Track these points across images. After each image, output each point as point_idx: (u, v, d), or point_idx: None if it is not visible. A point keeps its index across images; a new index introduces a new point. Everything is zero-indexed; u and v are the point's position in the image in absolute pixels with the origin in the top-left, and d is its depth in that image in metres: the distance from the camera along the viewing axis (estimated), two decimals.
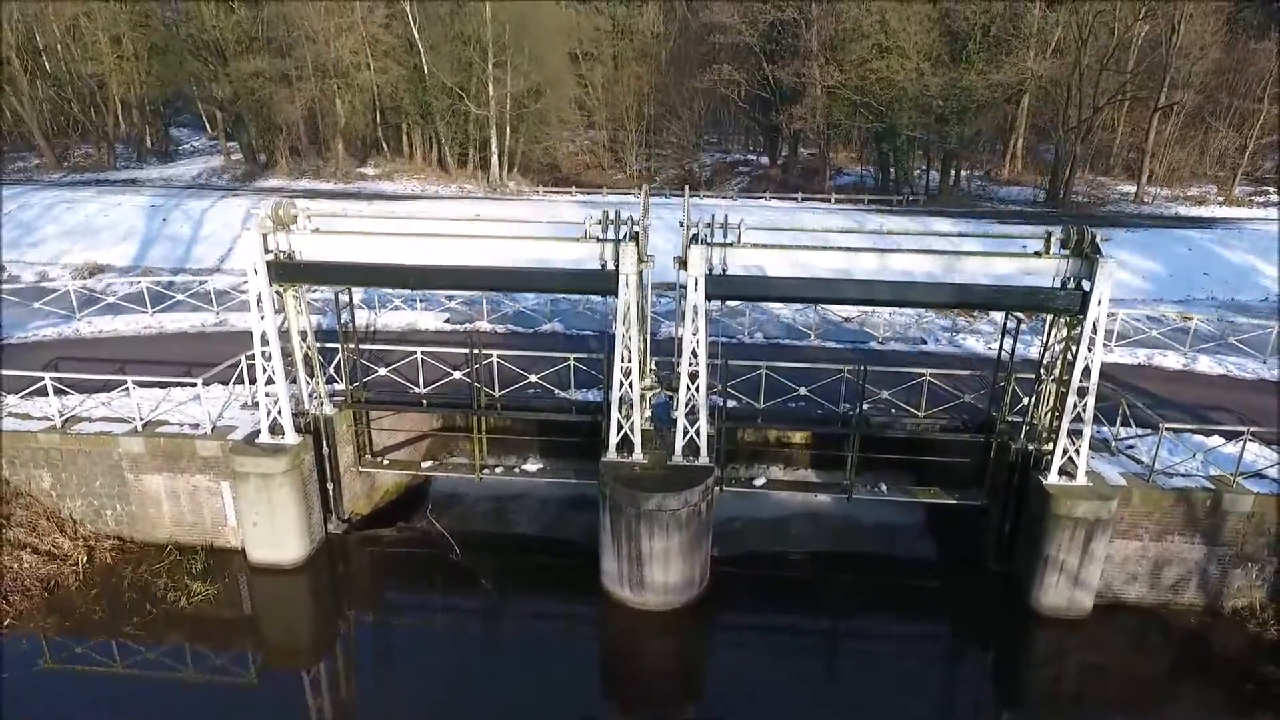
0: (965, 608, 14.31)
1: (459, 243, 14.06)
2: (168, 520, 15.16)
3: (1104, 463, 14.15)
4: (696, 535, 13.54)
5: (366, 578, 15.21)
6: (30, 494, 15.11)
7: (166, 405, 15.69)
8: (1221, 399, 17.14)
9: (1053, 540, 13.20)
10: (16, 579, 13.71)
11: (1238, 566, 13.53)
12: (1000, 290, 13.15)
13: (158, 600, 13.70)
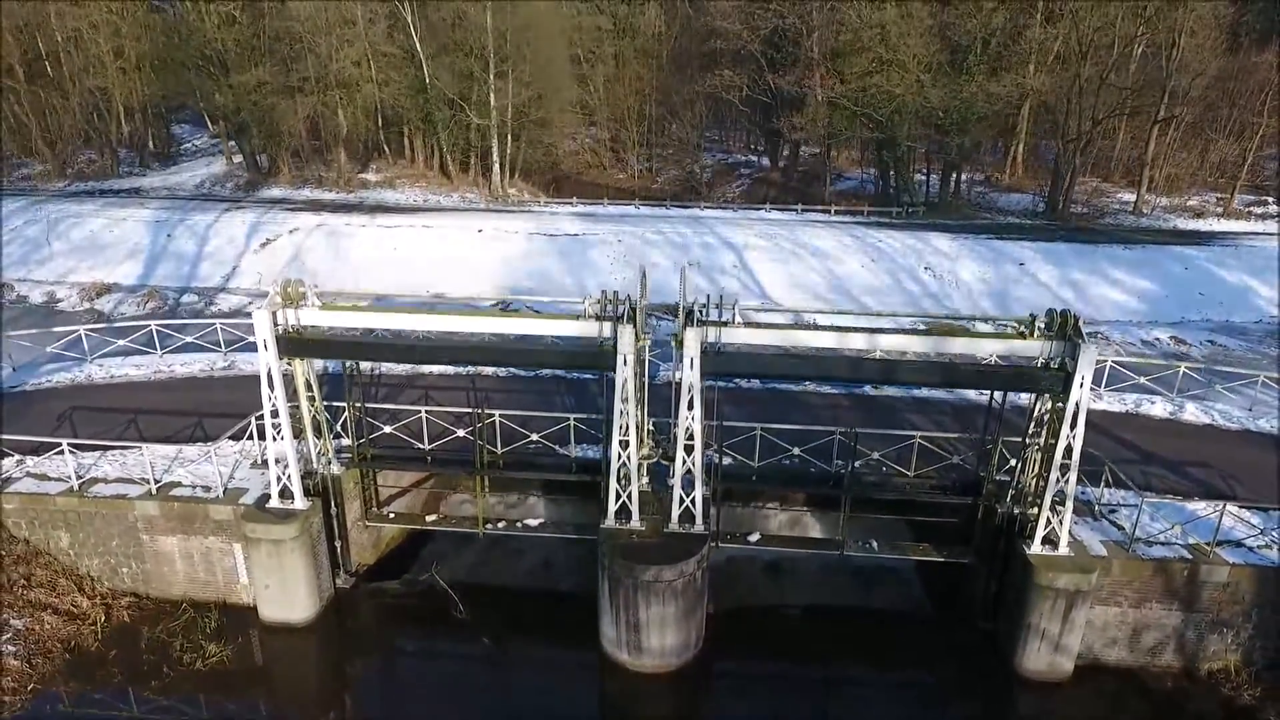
0: (951, 665, 14.85)
1: (461, 319, 14.34)
2: (182, 578, 15.71)
3: (1086, 528, 14.63)
4: (692, 603, 14.07)
5: (375, 634, 15.77)
6: (49, 552, 15.66)
7: (179, 466, 16.20)
8: (1205, 452, 17.56)
9: (1035, 608, 13.71)
10: (39, 641, 14.28)
11: (1214, 631, 14.04)
12: (986, 370, 13.54)
13: (174, 662, 14.27)
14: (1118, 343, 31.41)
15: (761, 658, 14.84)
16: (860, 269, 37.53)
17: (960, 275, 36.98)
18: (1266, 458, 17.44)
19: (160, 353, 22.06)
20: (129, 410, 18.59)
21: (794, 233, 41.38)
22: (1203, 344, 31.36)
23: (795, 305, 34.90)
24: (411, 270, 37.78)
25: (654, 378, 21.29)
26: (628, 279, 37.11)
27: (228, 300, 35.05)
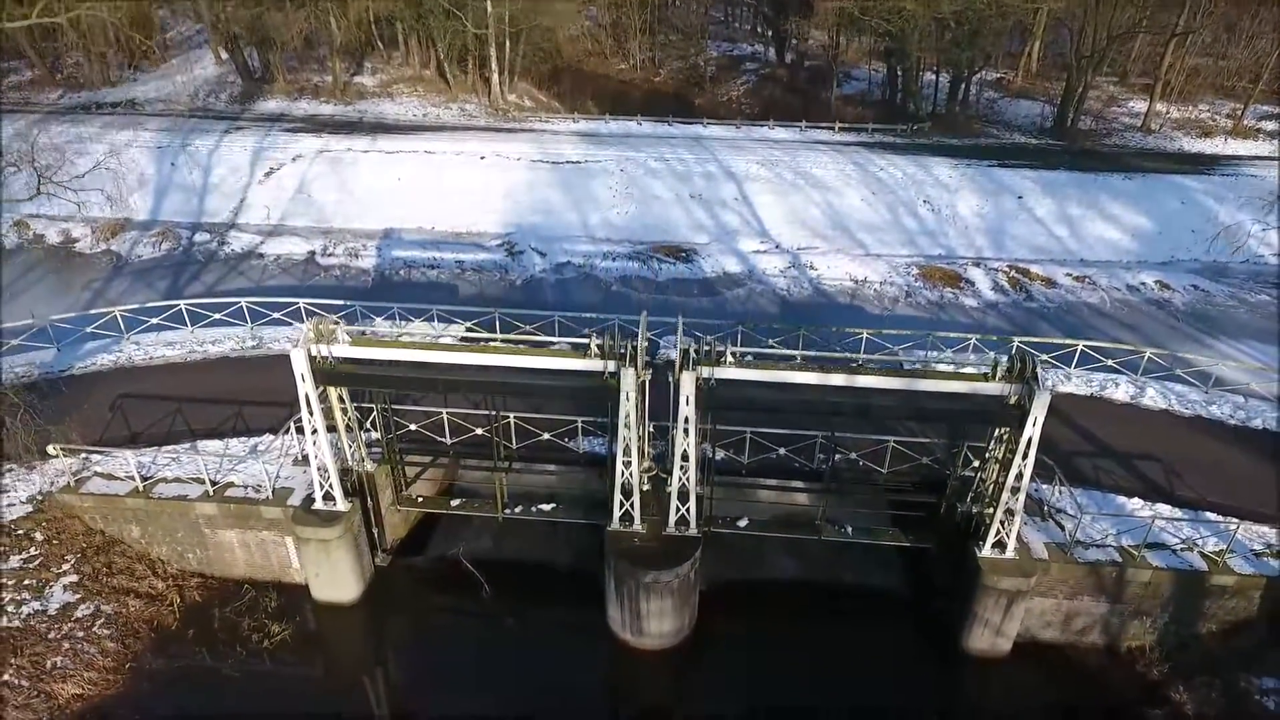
0: (908, 639, 17.31)
1: (479, 355, 15.67)
2: (241, 563, 17.99)
3: (1034, 529, 16.63)
4: (685, 595, 16.33)
5: (411, 608, 18.15)
6: (123, 541, 17.84)
7: (229, 463, 18.10)
8: (1157, 443, 19.28)
9: (980, 602, 15.93)
10: (127, 623, 16.68)
11: (1134, 618, 16.32)
12: (952, 407, 15.02)
13: (244, 640, 16.74)
14: (1105, 288, 32.51)
15: (743, 632, 17.22)
16: (860, 203, 37.96)
17: (959, 210, 37.46)
18: (1210, 448, 19.21)
19: (192, 329, 23.47)
20: (173, 398, 20.26)
21: (796, 159, 41.41)
22: (1186, 289, 32.44)
23: (795, 243, 35.76)
24: (416, 203, 38.31)
25: (654, 355, 22.86)
26: (630, 214, 37.83)
27: (239, 239, 35.80)
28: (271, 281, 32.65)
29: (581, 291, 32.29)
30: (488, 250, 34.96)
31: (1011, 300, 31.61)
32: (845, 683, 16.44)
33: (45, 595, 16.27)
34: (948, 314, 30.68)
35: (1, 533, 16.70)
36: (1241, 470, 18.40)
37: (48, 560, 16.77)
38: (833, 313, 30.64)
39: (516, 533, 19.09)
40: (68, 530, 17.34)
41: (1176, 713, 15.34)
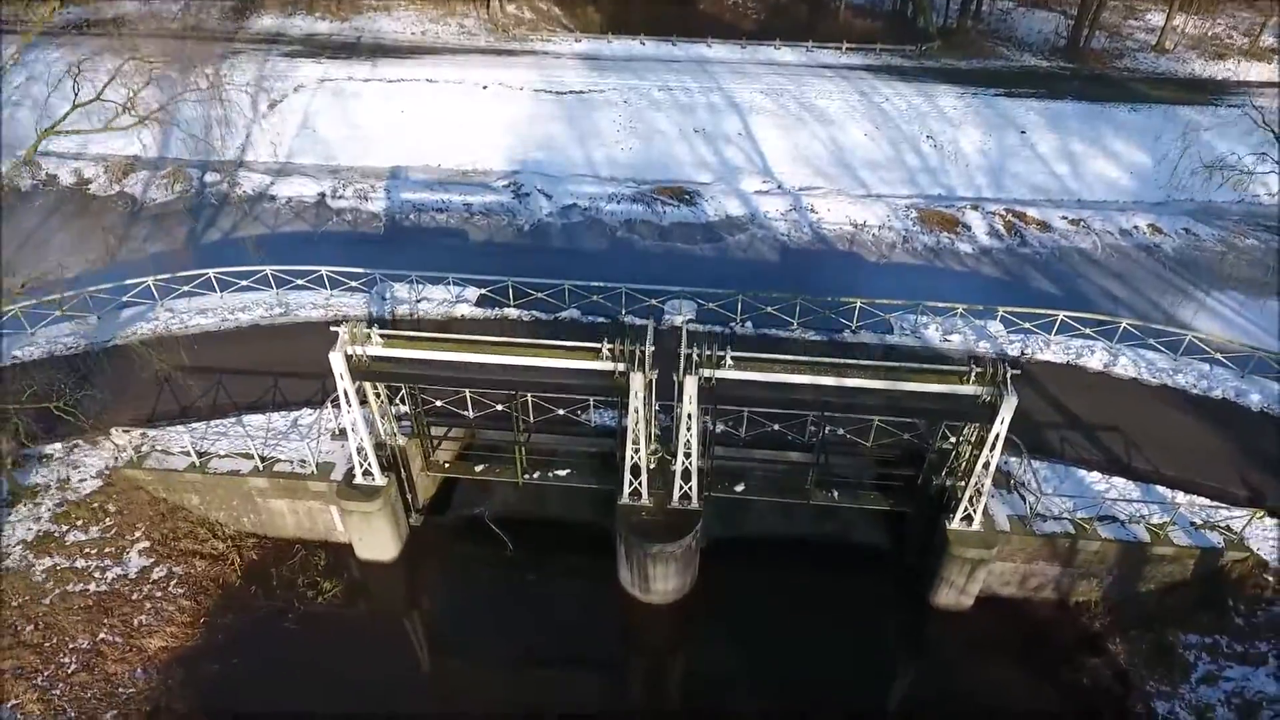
0: (885, 592, 19.64)
1: (501, 354, 17.07)
2: (291, 526, 20.13)
3: (999, 501, 18.59)
4: (688, 560, 18.50)
5: (444, 563, 20.44)
6: (184, 508, 19.93)
7: (273, 437, 19.91)
8: (1122, 415, 20.93)
9: (947, 567, 18.09)
10: (197, 582, 18.99)
11: (1082, 579, 18.53)
12: (930, 404, 16.59)
13: (300, 596, 19.09)
14: (1098, 231, 33.34)
15: (740, 586, 19.52)
16: (863, 138, 38.10)
17: (961, 146, 37.65)
18: (1170, 420, 20.91)
19: (221, 294, 24.76)
20: (212, 369, 21.80)
21: (801, 87, 41.13)
22: (1177, 234, 33.26)
23: (797, 182, 36.25)
24: (420, 138, 38.51)
25: (659, 323, 24.28)
26: (633, 150, 38.12)
27: (249, 180, 36.26)
28: (285, 227, 33.53)
29: (588, 237, 33.19)
30: (494, 191, 35.54)
31: (1005, 246, 32.52)
32: (828, 630, 18.83)
33: (124, 561, 18.48)
34: (942, 261, 31.71)
35: (81, 507, 18.72)
36: (1195, 442, 20.16)
37: (122, 529, 18.89)
38: (831, 260, 31.70)
39: (534, 495, 21.12)
40: (135, 501, 19.38)
41: (1111, 660, 17.79)
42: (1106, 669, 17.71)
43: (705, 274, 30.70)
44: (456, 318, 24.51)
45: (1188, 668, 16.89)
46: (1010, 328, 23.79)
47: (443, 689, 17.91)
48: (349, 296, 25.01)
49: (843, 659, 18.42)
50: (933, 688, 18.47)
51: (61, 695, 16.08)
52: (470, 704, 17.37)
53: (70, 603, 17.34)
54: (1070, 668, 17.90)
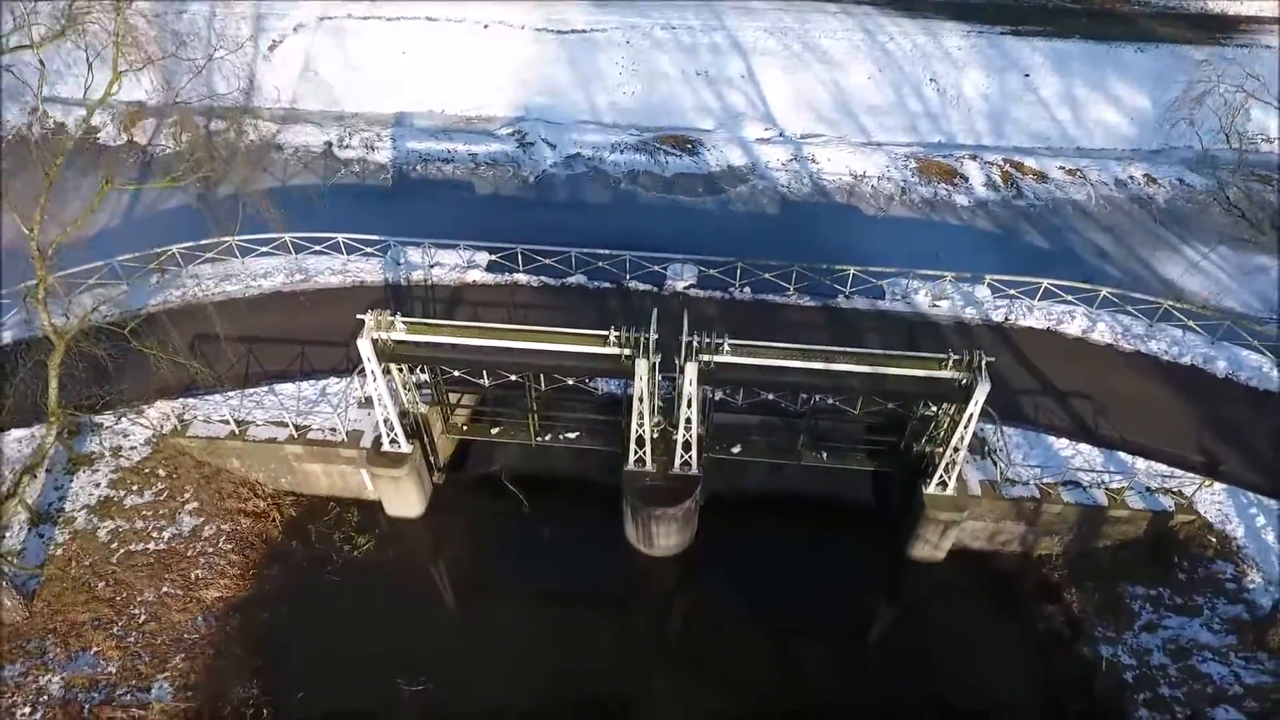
0: (866, 544, 21.63)
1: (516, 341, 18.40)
2: (325, 485, 21.99)
3: (973, 467, 20.29)
4: (688, 519, 20.41)
5: (465, 518, 22.33)
6: (227, 470, 21.73)
7: (304, 405, 21.50)
8: (1094, 382, 22.37)
9: (922, 526, 19.97)
10: (244, 537, 20.99)
11: (1045, 535, 20.44)
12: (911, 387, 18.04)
13: (338, 550, 21.13)
14: (1094, 182, 33.91)
15: (736, 539, 21.51)
16: (866, 81, 38.05)
17: (964, 90, 37.64)
18: (1138, 387, 22.37)
19: (243, 259, 25.87)
20: (243, 339, 23.18)
21: (804, 25, 40.68)
22: (1171, 184, 33.84)
23: (799, 129, 36.54)
24: (423, 82, 38.50)
25: (661, 288, 25.50)
26: (636, 95, 38.25)
27: (255, 127, 36.55)
28: (294, 180, 34.19)
29: (592, 190, 33.85)
30: (498, 140, 35.92)
31: (1001, 198, 33.19)
32: (815, 578, 20.93)
33: (178, 521, 20.41)
34: (938, 214, 32.49)
35: (134, 473, 20.51)
36: (1159, 408, 21.70)
37: (173, 492, 20.74)
38: (830, 214, 32.49)
39: (545, 456, 22.83)
40: (182, 466, 21.17)
41: (1066, 608, 19.90)
42: (1061, 615, 19.84)
43: (707, 229, 31.66)
44: (469, 283, 25.65)
45: (1132, 616, 18.98)
46: (996, 294, 24.93)
47: (469, 630, 20.10)
48: (365, 262, 26.10)
49: (827, 603, 20.57)
50: (907, 628, 20.73)
51: (135, 643, 18.26)
52: (493, 643, 19.59)
53: (134, 560, 19.36)
54: (1029, 614, 20.05)
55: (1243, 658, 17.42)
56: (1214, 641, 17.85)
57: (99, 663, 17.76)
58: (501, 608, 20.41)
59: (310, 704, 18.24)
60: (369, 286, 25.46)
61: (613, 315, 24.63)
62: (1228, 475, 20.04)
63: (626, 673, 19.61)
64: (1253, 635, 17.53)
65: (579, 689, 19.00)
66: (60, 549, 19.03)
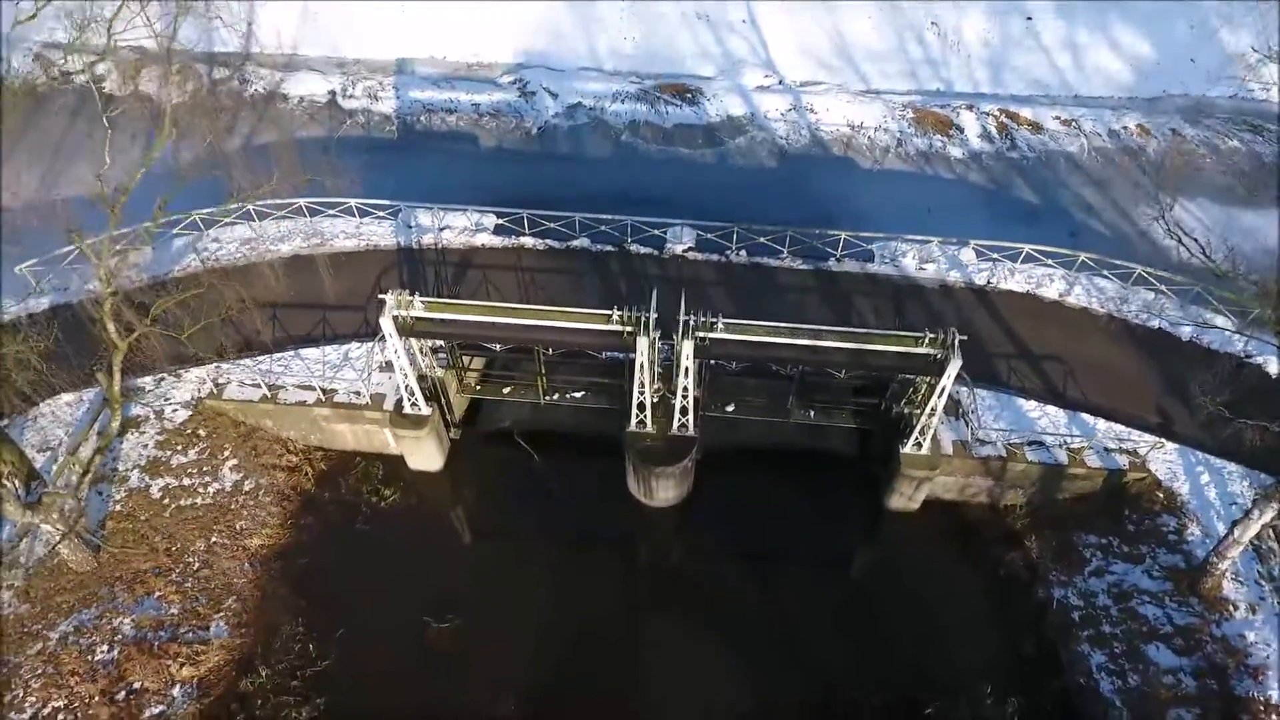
0: (847, 494, 23.66)
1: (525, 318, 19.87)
2: (351, 442, 23.89)
3: (947, 427, 22.06)
4: (684, 474, 22.38)
5: (480, 470, 24.28)
6: (261, 428, 23.58)
7: (329, 369, 23.18)
8: (1066, 344, 23.91)
9: (898, 480, 21.92)
10: (280, 490, 23.03)
11: (1010, 488, 22.40)
12: (888, 360, 19.60)
13: (366, 501, 23.19)
14: (1088, 133, 34.45)
15: (730, 490, 23.53)
16: (867, 23, 37.98)
17: (964, 34, 37.63)
18: (1106, 350, 23.92)
19: (260, 222, 27.01)
20: (267, 303, 24.62)
21: None
22: (1164, 135, 34.36)
23: (799, 76, 36.80)
24: (424, 26, 38.42)
25: (661, 251, 26.76)
26: (637, 41, 38.34)
27: (258, 76, 36.80)
28: (301, 132, 34.75)
29: (593, 142, 34.48)
30: (500, 89, 36.27)
31: (995, 150, 33.84)
32: (800, 526, 23.09)
33: (220, 477, 22.41)
34: (932, 168, 33.23)
35: (178, 434, 22.39)
36: (1124, 371, 23.33)
37: (213, 451, 22.66)
38: (826, 167, 33.26)
39: (554, 414, 24.61)
40: (220, 426, 23.02)
41: (1025, 553, 22.07)
42: (1021, 560, 22.02)
43: (706, 183, 32.53)
44: (477, 246, 26.88)
45: (1083, 563, 21.13)
46: (980, 257, 26.16)
47: (488, 572, 22.30)
48: (377, 225, 27.26)
49: (810, 547, 22.80)
50: (882, 570, 22.95)
51: (192, 588, 20.52)
52: (511, 583, 21.83)
53: (185, 514, 21.45)
54: (992, 558, 22.23)
55: (1176, 601, 19.62)
56: (1152, 586, 20.04)
57: (162, 605, 20.06)
58: (517, 552, 22.61)
59: (349, 639, 20.59)
60: (382, 250, 26.71)
61: (615, 278, 26.17)
62: (1180, 436, 21.84)
63: (629, 607, 21.93)
64: (1187, 582, 19.68)
65: (587, 621, 21.29)
66: (119, 505, 21.08)
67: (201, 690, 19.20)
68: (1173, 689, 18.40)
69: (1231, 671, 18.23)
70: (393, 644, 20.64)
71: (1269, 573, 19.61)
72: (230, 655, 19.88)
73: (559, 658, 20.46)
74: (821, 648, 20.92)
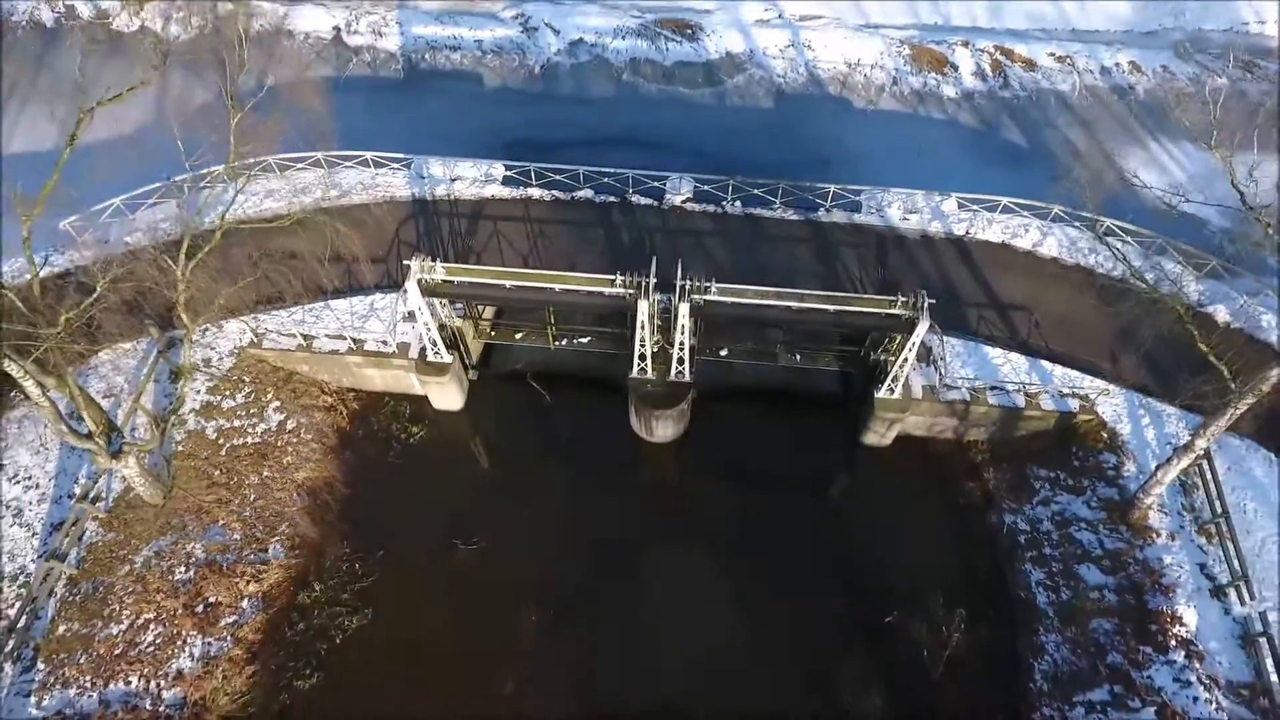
0: (827, 430, 26.29)
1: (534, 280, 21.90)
2: (380, 384, 26.36)
3: (918, 373, 24.41)
4: (681, 415, 24.93)
5: (497, 409, 26.84)
6: (298, 373, 26.02)
7: (357, 319, 25.38)
8: (1034, 294, 25.93)
9: (873, 421, 24.49)
10: (318, 428, 25.69)
11: (973, 427, 24.96)
12: (865, 320, 21.74)
13: (395, 437, 25.88)
14: (1080, 71, 35.18)
15: (723, 427, 26.13)
16: None
17: None
18: (1070, 299, 25.92)
19: (282, 174, 28.54)
20: (296, 256, 26.52)
21: None
22: (1155, 72, 35.09)
23: (799, 10, 37.14)
24: None
25: (661, 202, 28.41)
26: None
27: (261, 10, 37.12)
28: (309, 72, 35.54)
29: (596, 81, 35.34)
30: (503, 24, 36.73)
31: (988, 89, 34.68)
32: (783, 458, 25.79)
33: (266, 418, 25.02)
34: (925, 108, 34.22)
35: (225, 380, 24.85)
36: (1084, 319, 25.42)
37: (258, 394, 25.18)
38: (821, 107, 34.28)
39: (562, 357, 26.96)
40: (262, 372, 25.44)
41: (984, 484, 24.88)
42: (979, 490, 24.86)
43: (705, 123, 33.71)
44: (487, 198, 28.51)
45: (1033, 493, 23.94)
46: (962, 208, 27.78)
47: (507, 499, 25.12)
48: (392, 176, 28.80)
49: (792, 477, 25.58)
50: (856, 497, 25.77)
51: (250, 517, 23.47)
52: (528, 508, 24.72)
53: (238, 452, 24.18)
54: (954, 488, 25.06)
55: (1108, 529, 22.51)
56: (1089, 515, 22.89)
57: (226, 532, 23.06)
58: (532, 480, 25.43)
59: (389, 559, 23.69)
60: (398, 201, 28.38)
61: (617, 230, 27.97)
62: (1128, 381, 24.21)
63: (632, 529, 24.86)
64: (1119, 512, 22.51)
65: (595, 541, 24.24)
66: (180, 446, 23.76)
67: (266, 603, 22.42)
68: (1097, 602, 21.50)
69: (1147, 589, 21.28)
70: (427, 563, 23.73)
71: (1190, 505, 22.40)
72: (288, 573, 23.03)
73: (571, 572, 23.55)
74: (800, 565, 23.96)
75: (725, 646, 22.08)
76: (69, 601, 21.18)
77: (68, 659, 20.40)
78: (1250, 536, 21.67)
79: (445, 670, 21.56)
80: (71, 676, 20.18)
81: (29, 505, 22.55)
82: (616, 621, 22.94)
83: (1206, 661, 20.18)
